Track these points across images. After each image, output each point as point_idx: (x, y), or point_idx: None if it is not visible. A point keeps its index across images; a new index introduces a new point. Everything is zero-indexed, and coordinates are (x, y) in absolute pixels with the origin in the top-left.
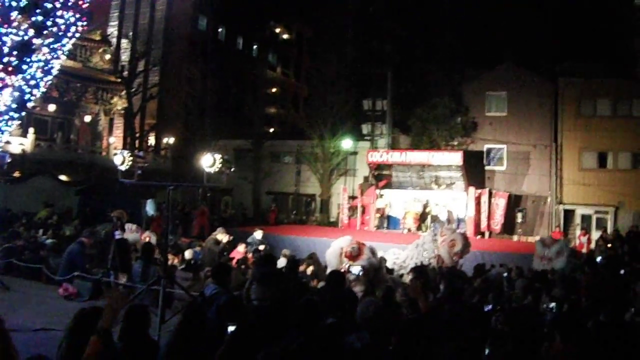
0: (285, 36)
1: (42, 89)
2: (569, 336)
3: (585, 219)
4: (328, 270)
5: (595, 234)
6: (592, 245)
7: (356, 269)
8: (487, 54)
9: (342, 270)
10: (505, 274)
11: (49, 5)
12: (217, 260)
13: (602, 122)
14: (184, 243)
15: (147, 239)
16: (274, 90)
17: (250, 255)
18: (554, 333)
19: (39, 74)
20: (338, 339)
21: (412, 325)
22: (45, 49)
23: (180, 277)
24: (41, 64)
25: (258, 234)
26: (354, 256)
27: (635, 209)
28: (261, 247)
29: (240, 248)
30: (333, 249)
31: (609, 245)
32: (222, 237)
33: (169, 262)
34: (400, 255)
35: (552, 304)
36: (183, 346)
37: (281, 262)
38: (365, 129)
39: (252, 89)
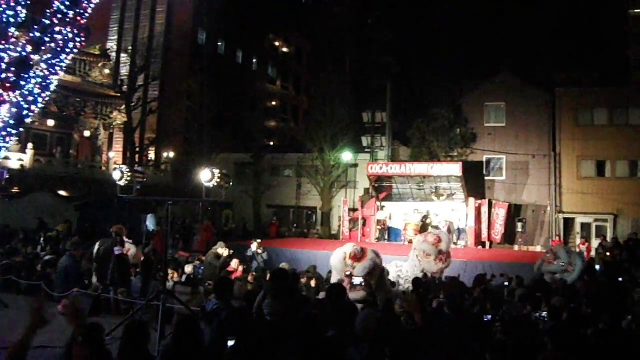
0: (284, 49)
1: (41, 105)
2: (562, 345)
3: (585, 227)
4: (333, 275)
5: (595, 242)
6: (592, 254)
7: (358, 280)
8: (485, 65)
9: (347, 273)
10: (506, 284)
11: (47, 22)
12: (218, 274)
13: (600, 131)
14: (182, 257)
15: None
16: (273, 103)
17: (242, 268)
18: (547, 342)
19: (37, 90)
20: (338, 352)
21: (408, 337)
22: (43, 65)
23: (179, 292)
24: (39, 80)
25: (254, 246)
26: (358, 257)
27: (633, 216)
28: (264, 255)
29: (234, 263)
30: (337, 254)
31: (608, 253)
32: (223, 251)
33: (169, 277)
34: (403, 268)
35: (544, 313)
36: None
37: None
38: (365, 141)
39: (252, 103)
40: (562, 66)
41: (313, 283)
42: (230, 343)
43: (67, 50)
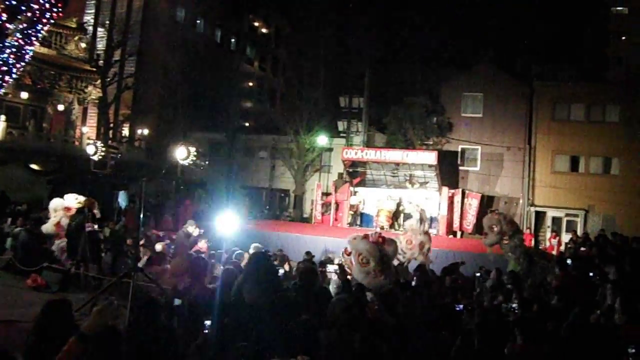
0: (263, 30)
1: (15, 76)
2: (530, 336)
3: (556, 221)
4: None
5: (565, 237)
6: (562, 248)
7: (333, 267)
8: (465, 55)
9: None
10: (478, 274)
11: None
12: (189, 253)
13: (576, 126)
14: (154, 235)
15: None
16: (250, 84)
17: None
18: (516, 333)
19: (11, 60)
20: (310, 336)
21: (377, 324)
22: (18, 35)
23: (155, 272)
24: (14, 49)
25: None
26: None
27: (604, 212)
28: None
29: (201, 243)
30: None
31: (581, 248)
32: (193, 229)
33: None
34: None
35: (514, 304)
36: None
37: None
38: (341, 125)
39: (229, 82)
40: (541, 59)
41: (287, 266)
42: (207, 323)
43: (44, 20)
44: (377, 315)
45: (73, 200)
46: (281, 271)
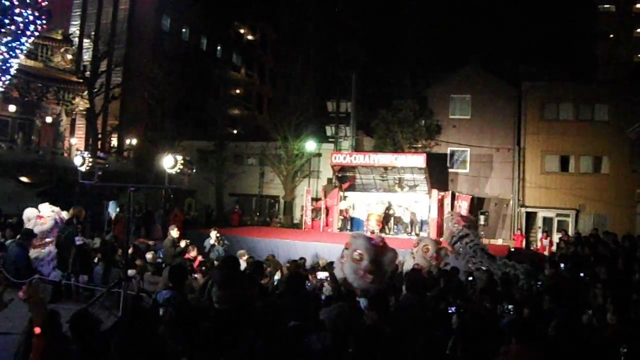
0: (249, 37)
1: (1, 89)
2: (524, 338)
3: (547, 221)
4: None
5: (556, 237)
6: (554, 248)
7: (323, 274)
8: (452, 57)
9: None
10: (470, 278)
11: (7, 3)
12: (173, 260)
13: (565, 126)
14: (142, 244)
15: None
16: (237, 91)
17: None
18: (510, 335)
19: None
20: (299, 342)
21: (372, 328)
22: (3, 48)
23: (150, 282)
24: None
25: (212, 235)
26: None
27: (595, 212)
28: (226, 242)
29: (193, 252)
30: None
31: (571, 249)
32: (174, 233)
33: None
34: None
35: (510, 306)
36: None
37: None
38: (329, 130)
39: (216, 90)
40: (529, 60)
41: (278, 274)
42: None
43: (28, 33)
44: (373, 321)
45: (47, 210)
46: (276, 277)
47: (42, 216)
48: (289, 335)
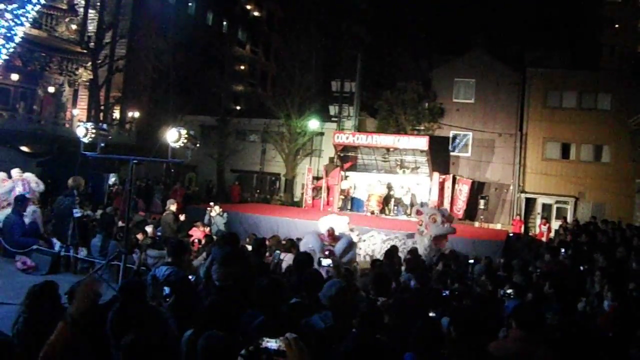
0: (255, 14)
1: (5, 57)
2: (525, 323)
3: (546, 208)
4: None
5: (555, 224)
6: (552, 235)
7: (327, 262)
8: (457, 41)
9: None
10: (471, 261)
11: None
12: (174, 235)
13: (567, 113)
14: (140, 217)
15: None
16: (242, 67)
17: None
18: (511, 320)
19: (1, 40)
20: (301, 319)
21: (374, 308)
22: (8, 15)
23: (151, 256)
24: (4, 30)
25: (214, 211)
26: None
27: (594, 200)
28: (224, 217)
29: (198, 232)
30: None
31: (569, 236)
32: (173, 207)
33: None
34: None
35: (510, 290)
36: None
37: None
38: (333, 110)
39: (220, 66)
40: (534, 46)
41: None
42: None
43: (34, 0)
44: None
45: (16, 174)
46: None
47: (6, 180)
48: (290, 312)
